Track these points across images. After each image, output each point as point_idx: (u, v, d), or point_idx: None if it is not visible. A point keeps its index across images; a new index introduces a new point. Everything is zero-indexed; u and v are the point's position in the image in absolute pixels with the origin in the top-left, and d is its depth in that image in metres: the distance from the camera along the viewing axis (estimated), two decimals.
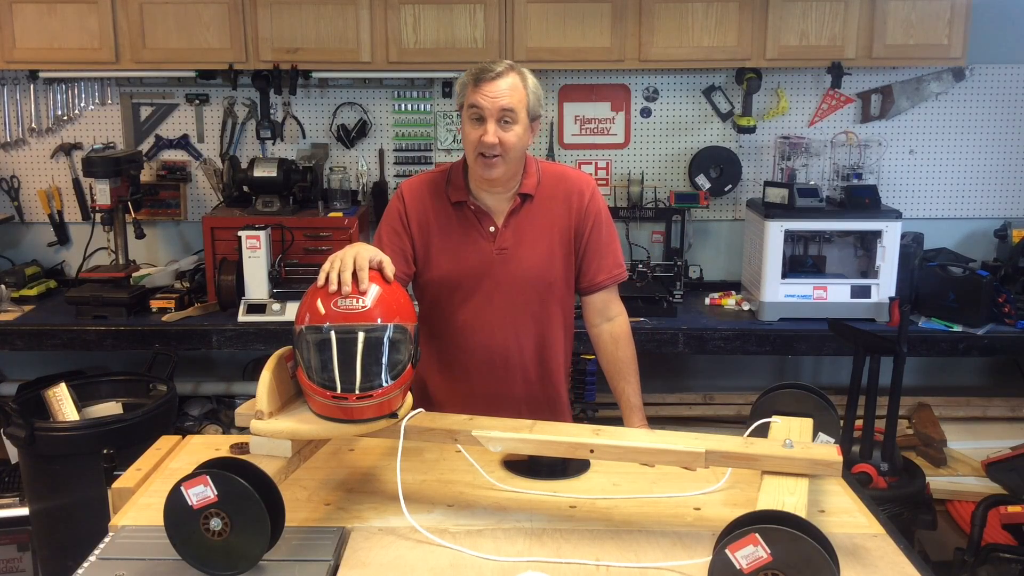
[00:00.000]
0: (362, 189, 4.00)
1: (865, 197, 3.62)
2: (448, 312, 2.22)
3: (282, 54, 3.62)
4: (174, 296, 3.62)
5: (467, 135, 2.10)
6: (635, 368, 2.30)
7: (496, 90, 2.04)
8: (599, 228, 2.24)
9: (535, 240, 2.19)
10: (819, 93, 3.96)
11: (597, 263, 2.25)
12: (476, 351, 2.22)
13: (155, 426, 3.02)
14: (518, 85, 2.07)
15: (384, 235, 2.22)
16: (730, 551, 1.39)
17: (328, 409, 1.67)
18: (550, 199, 2.21)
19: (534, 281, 2.20)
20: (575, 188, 2.23)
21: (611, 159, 4.05)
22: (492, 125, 2.05)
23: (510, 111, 2.05)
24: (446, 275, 2.20)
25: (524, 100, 2.08)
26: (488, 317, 2.20)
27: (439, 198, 2.21)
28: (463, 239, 2.19)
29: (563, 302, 2.27)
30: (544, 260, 2.20)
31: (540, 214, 2.20)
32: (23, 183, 4.05)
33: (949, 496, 3.48)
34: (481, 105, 2.05)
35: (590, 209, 2.22)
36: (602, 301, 2.29)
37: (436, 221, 2.20)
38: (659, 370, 3.95)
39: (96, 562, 1.63)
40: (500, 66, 2.07)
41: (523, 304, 2.21)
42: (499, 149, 2.06)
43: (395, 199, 2.25)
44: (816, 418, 1.97)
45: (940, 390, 4.03)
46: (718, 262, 4.10)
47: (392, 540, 1.69)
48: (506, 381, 2.24)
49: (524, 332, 2.22)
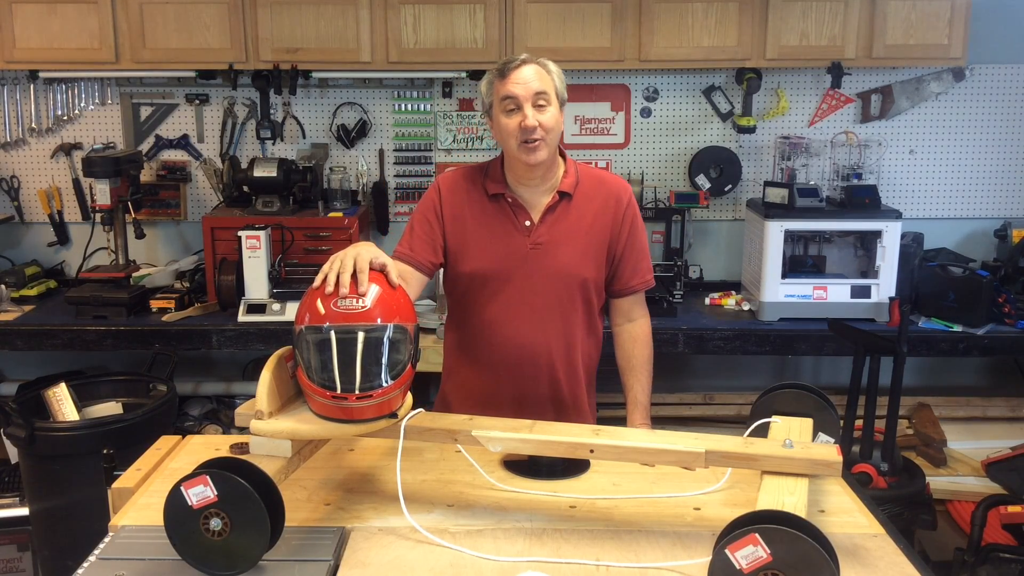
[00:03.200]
0: (362, 189, 4.00)
1: (865, 197, 3.62)
2: (478, 306, 2.23)
3: (282, 54, 3.62)
4: (174, 296, 3.62)
5: (505, 127, 2.11)
6: (648, 369, 2.33)
7: (525, 76, 2.09)
8: (636, 234, 2.27)
9: (570, 238, 2.20)
10: (819, 93, 3.96)
11: (632, 268, 2.27)
12: (504, 346, 2.22)
13: (155, 426, 3.02)
14: (543, 72, 2.12)
15: (416, 223, 2.23)
16: (730, 551, 1.39)
17: (328, 409, 1.67)
18: (588, 200, 2.22)
19: (566, 278, 2.21)
20: (613, 192, 2.24)
21: (611, 159, 4.05)
22: (529, 109, 2.08)
23: (543, 93, 2.09)
24: (478, 267, 2.21)
25: (552, 83, 2.13)
26: (518, 312, 2.20)
27: (476, 191, 2.23)
28: (498, 231, 2.20)
29: (593, 304, 2.27)
30: (578, 258, 2.21)
31: (577, 214, 2.21)
32: (23, 183, 4.05)
33: (949, 496, 3.48)
34: (514, 93, 2.08)
35: (628, 215, 2.25)
36: (629, 304, 2.32)
37: (471, 213, 2.21)
38: (659, 370, 3.91)
39: (96, 562, 1.63)
40: (520, 56, 2.13)
41: (554, 301, 2.21)
42: (540, 132, 2.08)
43: (431, 190, 2.27)
44: (816, 418, 1.97)
45: (940, 390, 4.03)
46: (718, 262, 4.10)
47: (392, 540, 1.69)
48: (533, 379, 2.24)
49: (552, 330, 2.22)
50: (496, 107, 2.13)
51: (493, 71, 2.14)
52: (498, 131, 2.15)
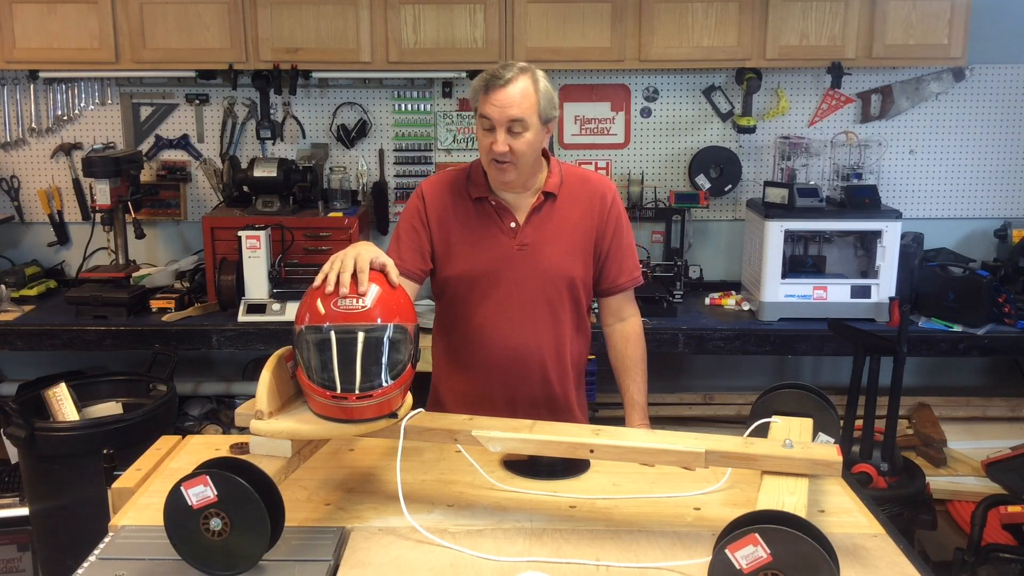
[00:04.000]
0: (362, 189, 4.00)
1: (865, 197, 3.62)
2: (467, 309, 2.23)
3: (282, 54, 3.62)
4: (174, 296, 3.62)
5: (480, 142, 2.12)
6: (643, 368, 2.32)
7: (505, 99, 2.04)
8: (621, 232, 2.26)
9: (556, 238, 2.20)
10: (819, 93, 3.96)
11: (618, 266, 2.27)
12: (494, 349, 2.22)
13: (155, 426, 3.02)
14: (529, 91, 2.06)
15: (402, 232, 2.23)
16: (730, 551, 1.39)
17: (328, 409, 1.67)
18: (573, 199, 2.22)
19: (554, 278, 2.21)
20: (598, 191, 2.24)
21: (611, 159, 4.05)
22: (501, 134, 2.05)
23: (518, 120, 2.05)
24: (466, 271, 2.20)
25: (534, 106, 2.07)
26: (507, 314, 2.20)
27: (459, 195, 2.22)
28: (483, 234, 2.20)
29: (581, 302, 2.27)
30: (565, 258, 2.21)
31: (562, 213, 2.21)
32: (23, 183, 4.05)
33: (949, 496, 3.49)
34: (490, 116, 2.06)
35: (612, 212, 2.24)
36: (618, 303, 2.32)
37: (456, 217, 2.21)
38: (659, 370, 3.92)
39: (96, 562, 1.63)
40: (511, 71, 2.06)
41: (543, 302, 2.21)
42: (510, 156, 2.07)
43: (415, 196, 2.26)
44: (816, 418, 1.97)
45: (940, 390, 4.04)
46: (718, 262, 4.10)
47: (392, 540, 1.69)
48: (525, 380, 2.24)
49: (542, 330, 2.22)
50: (476, 118, 2.13)
51: (482, 78, 2.09)
52: (477, 140, 2.16)
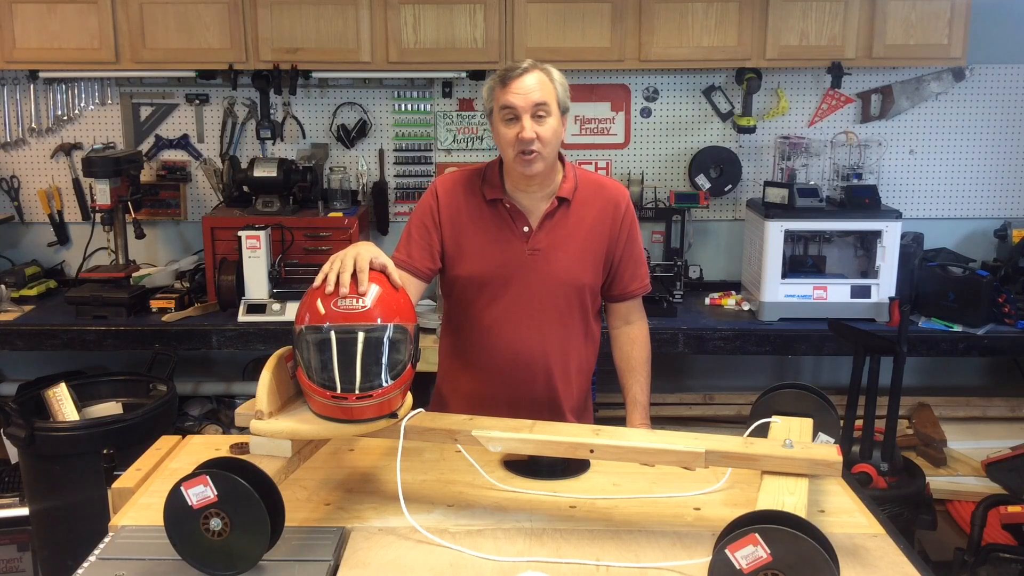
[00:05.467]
0: (362, 189, 4.00)
1: (865, 197, 3.62)
2: (475, 311, 2.22)
3: (282, 54, 3.62)
4: (174, 296, 3.62)
5: (503, 136, 2.10)
6: (646, 370, 2.33)
7: (525, 86, 2.06)
8: (634, 240, 2.27)
9: (569, 243, 2.19)
10: (819, 93, 3.96)
11: (631, 274, 2.28)
12: (501, 351, 2.21)
13: (155, 426, 3.02)
14: (545, 80, 2.09)
15: (413, 229, 2.22)
16: (730, 551, 1.39)
17: (328, 409, 1.67)
18: (587, 205, 2.22)
19: (564, 284, 2.20)
20: (612, 198, 2.24)
21: (611, 159, 4.05)
22: (527, 120, 2.06)
23: (543, 104, 2.07)
24: (476, 272, 2.20)
25: (554, 93, 2.10)
26: (515, 317, 2.20)
27: (474, 195, 2.21)
28: (495, 237, 2.19)
29: (588, 309, 2.27)
30: (576, 264, 2.20)
31: (576, 219, 2.20)
32: (23, 183, 4.05)
33: (949, 496, 3.48)
34: (513, 103, 2.06)
35: (626, 221, 2.24)
36: (627, 308, 2.33)
37: (469, 218, 2.20)
38: (659, 370, 3.91)
39: (96, 562, 1.63)
40: (524, 64, 2.10)
41: (551, 307, 2.20)
42: (537, 144, 2.07)
43: (428, 194, 2.25)
44: (816, 418, 1.97)
45: (940, 390, 4.03)
46: (718, 262, 4.10)
47: (392, 540, 1.69)
48: (529, 384, 2.23)
49: (549, 336, 2.22)
50: (496, 114, 2.12)
51: (495, 76, 2.12)
52: (497, 138, 2.14)
